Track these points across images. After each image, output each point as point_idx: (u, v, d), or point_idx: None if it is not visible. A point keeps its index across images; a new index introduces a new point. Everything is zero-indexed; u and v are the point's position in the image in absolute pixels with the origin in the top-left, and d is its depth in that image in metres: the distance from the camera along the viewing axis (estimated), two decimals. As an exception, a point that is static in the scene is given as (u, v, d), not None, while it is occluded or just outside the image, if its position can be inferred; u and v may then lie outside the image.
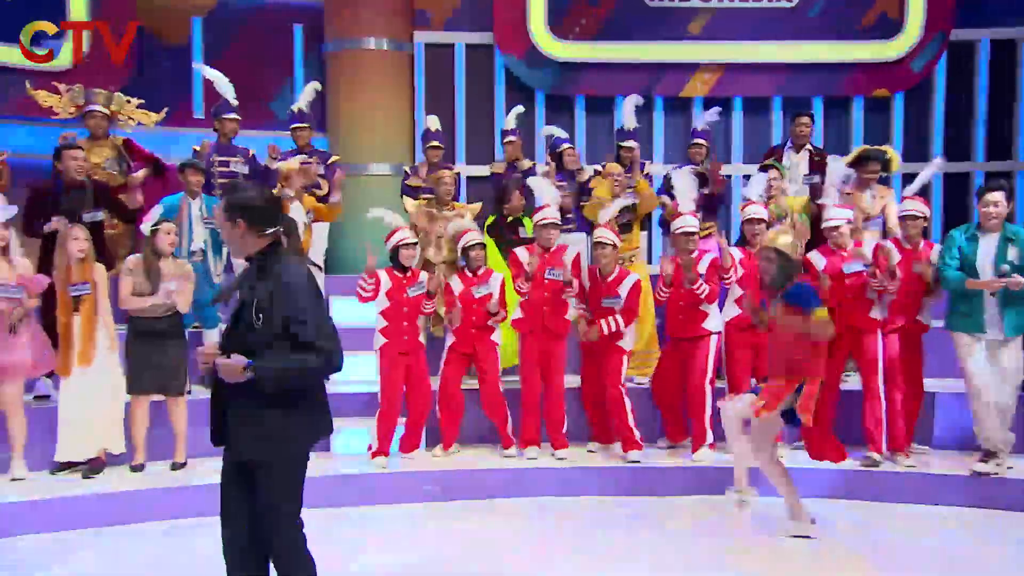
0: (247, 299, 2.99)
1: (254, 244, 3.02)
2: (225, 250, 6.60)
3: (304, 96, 7.83)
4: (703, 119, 7.79)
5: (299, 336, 2.90)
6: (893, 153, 6.90)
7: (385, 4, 9.27)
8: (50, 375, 5.86)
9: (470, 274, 6.15)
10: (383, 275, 5.92)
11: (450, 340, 6.15)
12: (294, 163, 6.77)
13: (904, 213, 5.88)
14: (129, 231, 6.65)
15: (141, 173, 6.68)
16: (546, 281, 6.00)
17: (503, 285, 6.15)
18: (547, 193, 6.32)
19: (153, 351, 5.48)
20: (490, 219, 7.24)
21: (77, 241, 5.39)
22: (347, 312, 7.30)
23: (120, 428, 5.55)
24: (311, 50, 9.75)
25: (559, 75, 9.62)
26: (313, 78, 9.65)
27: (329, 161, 7.72)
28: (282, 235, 3.07)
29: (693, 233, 5.98)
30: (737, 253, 6.07)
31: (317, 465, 5.66)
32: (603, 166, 7.22)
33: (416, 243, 6.12)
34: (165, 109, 7.30)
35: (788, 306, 4.76)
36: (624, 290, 5.94)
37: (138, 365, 5.52)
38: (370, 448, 5.93)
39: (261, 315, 2.92)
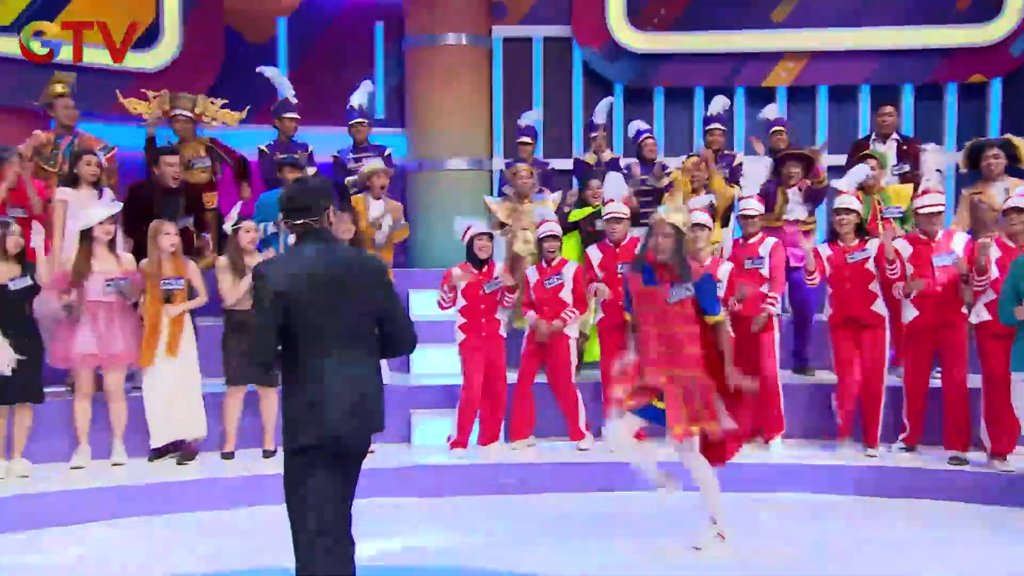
0: None
1: (294, 236, 3.22)
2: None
3: (358, 94, 8.03)
4: (716, 106, 7.77)
5: None
6: (1019, 142, 6.50)
7: (465, -1, 9.43)
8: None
9: (545, 265, 6.23)
10: (458, 272, 6.02)
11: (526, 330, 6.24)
12: (377, 164, 6.99)
13: (1009, 206, 5.54)
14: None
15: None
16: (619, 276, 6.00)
17: (578, 275, 6.20)
18: (615, 188, 6.38)
19: (245, 343, 5.67)
20: (576, 214, 7.21)
21: (168, 236, 5.65)
22: (425, 306, 7.49)
23: (202, 414, 5.79)
24: (391, 47, 9.93)
25: (638, 67, 9.57)
26: (393, 75, 9.90)
27: (385, 154, 7.91)
28: (316, 225, 3.15)
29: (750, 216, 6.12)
30: (825, 250, 6.02)
31: (395, 455, 5.94)
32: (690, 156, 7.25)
33: (489, 233, 6.20)
34: (247, 108, 7.56)
35: (693, 298, 4.49)
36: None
37: (234, 357, 5.76)
38: (449, 439, 6.06)
39: None
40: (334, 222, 3.27)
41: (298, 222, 3.14)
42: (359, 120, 7.76)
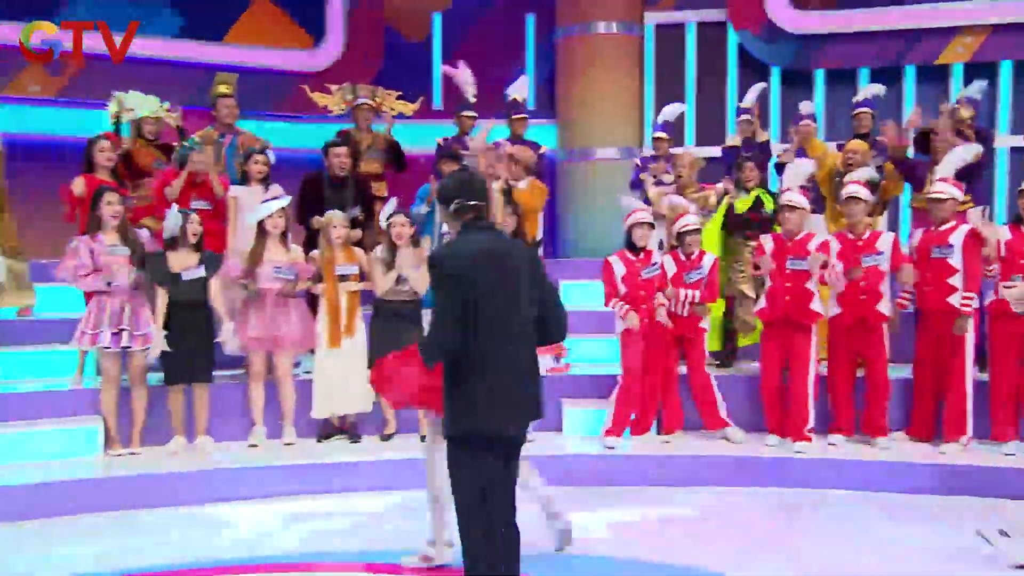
0: None
1: (454, 225, 3.24)
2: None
3: (518, 87, 8.14)
4: (868, 91, 7.43)
5: None
6: None
7: (615, -14, 9.40)
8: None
9: (683, 257, 6.15)
10: (615, 261, 6.03)
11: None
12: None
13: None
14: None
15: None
16: (788, 271, 5.83)
17: (715, 268, 6.10)
18: (795, 176, 6.19)
19: (394, 333, 5.87)
20: (740, 204, 7.02)
21: (336, 230, 5.96)
22: (576, 295, 7.56)
23: (368, 392, 6.00)
24: (542, 38, 10.07)
25: (798, 49, 9.26)
26: (544, 66, 10.02)
27: (540, 151, 8.00)
28: (474, 211, 3.21)
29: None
30: (1005, 233, 5.67)
31: (545, 444, 6.01)
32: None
33: (651, 223, 6.15)
34: (421, 99, 7.84)
35: None
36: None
37: (380, 345, 5.97)
38: (605, 427, 6.08)
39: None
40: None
41: (467, 211, 3.19)
42: (521, 115, 7.93)
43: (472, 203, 3.20)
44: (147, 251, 5.76)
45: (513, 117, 7.92)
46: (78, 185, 6.14)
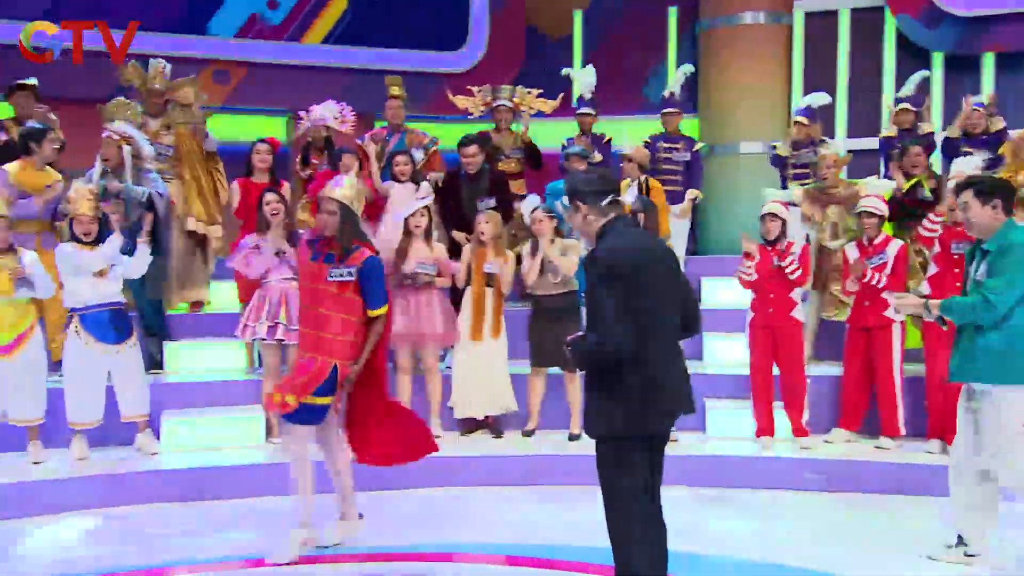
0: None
1: (596, 222, 3.20)
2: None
3: (676, 80, 8.09)
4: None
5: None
6: None
7: (765, -24, 9.21)
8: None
9: (866, 243, 5.97)
10: (754, 250, 5.97)
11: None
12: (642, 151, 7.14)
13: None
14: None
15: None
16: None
17: (901, 255, 5.91)
18: (965, 166, 5.93)
19: (551, 327, 5.99)
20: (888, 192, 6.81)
21: (485, 225, 6.12)
22: (717, 294, 7.48)
23: (510, 390, 6.21)
24: (685, 31, 9.97)
25: (963, 32, 8.78)
26: (686, 59, 9.89)
27: (694, 148, 7.92)
28: (624, 212, 3.28)
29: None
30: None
31: (688, 445, 6.00)
32: None
33: (781, 217, 6.06)
34: (560, 96, 7.94)
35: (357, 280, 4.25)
36: None
37: (538, 340, 6.14)
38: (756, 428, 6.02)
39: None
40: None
41: (616, 207, 3.21)
42: (670, 111, 7.95)
43: (619, 200, 3.23)
44: None
45: (663, 112, 7.95)
46: (235, 188, 6.64)
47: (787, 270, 5.83)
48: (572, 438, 6.17)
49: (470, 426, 6.32)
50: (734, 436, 6.14)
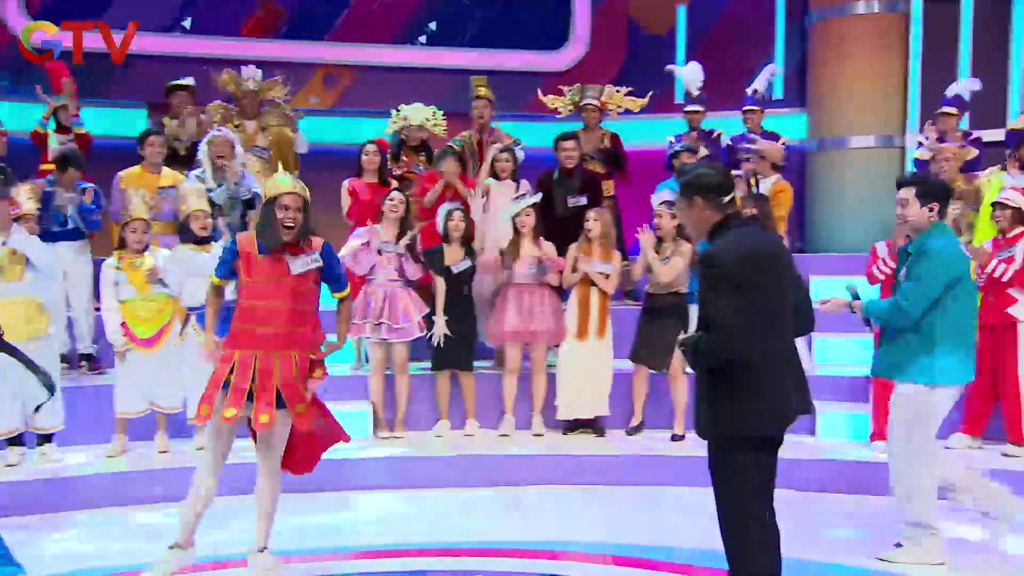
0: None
1: (711, 219, 3.14)
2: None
3: (761, 77, 7.96)
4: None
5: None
6: None
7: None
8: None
9: (1000, 235, 5.74)
10: (880, 247, 5.79)
11: None
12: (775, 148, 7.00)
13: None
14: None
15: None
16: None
17: None
18: None
19: (656, 327, 6.02)
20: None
21: (591, 223, 6.13)
22: (829, 292, 7.23)
23: (605, 394, 6.18)
24: (793, 24, 9.73)
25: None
26: (794, 53, 9.69)
27: (779, 142, 7.78)
28: (740, 208, 3.24)
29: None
30: None
31: (798, 448, 5.85)
32: None
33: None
34: (650, 93, 7.91)
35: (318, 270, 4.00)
36: None
37: (641, 338, 6.13)
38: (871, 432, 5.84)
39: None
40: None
41: (727, 205, 3.15)
42: (751, 107, 7.86)
43: (736, 199, 3.19)
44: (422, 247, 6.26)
45: (744, 109, 7.87)
46: (345, 189, 6.81)
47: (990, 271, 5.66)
48: (676, 438, 6.12)
49: (572, 425, 6.32)
50: (846, 440, 5.97)
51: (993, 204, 5.77)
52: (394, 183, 6.74)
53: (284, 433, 3.99)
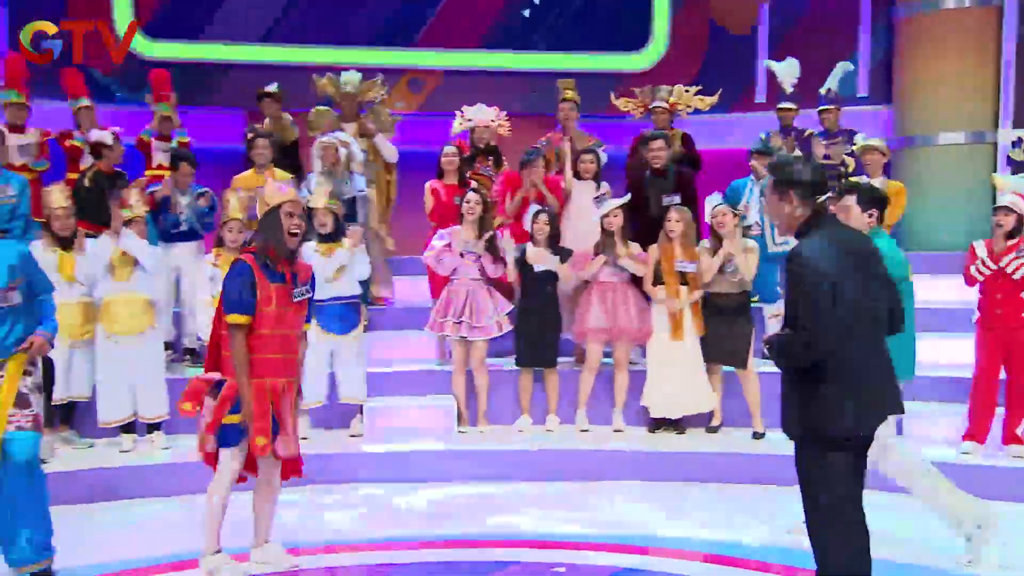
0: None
1: (802, 216, 3.11)
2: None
3: (834, 76, 7.86)
4: None
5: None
6: None
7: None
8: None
9: None
10: (979, 246, 5.62)
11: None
12: (876, 143, 6.95)
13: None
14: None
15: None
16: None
17: None
18: None
19: (723, 325, 6.05)
20: None
21: (671, 223, 6.16)
22: (930, 292, 7.14)
23: (709, 389, 6.18)
24: (878, 19, 9.58)
25: None
26: (879, 49, 9.54)
27: (854, 142, 7.67)
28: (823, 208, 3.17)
29: None
30: None
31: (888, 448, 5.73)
32: None
33: (1012, 211, 5.69)
34: (719, 91, 7.84)
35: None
36: None
37: (712, 337, 6.13)
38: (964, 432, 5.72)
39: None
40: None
41: (818, 201, 3.14)
42: (826, 107, 7.79)
43: (823, 193, 3.19)
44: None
45: (819, 109, 7.82)
46: (428, 190, 6.97)
47: (1007, 269, 5.45)
48: (756, 436, 6.12)
49: (657, 423, 6.34)
50: (934, 441, 5.84)
51: (995, 209, 5.60)
52: (472, 183, 6.87)
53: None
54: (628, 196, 6.53)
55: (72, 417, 5.98)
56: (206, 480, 4.18)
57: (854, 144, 7.47)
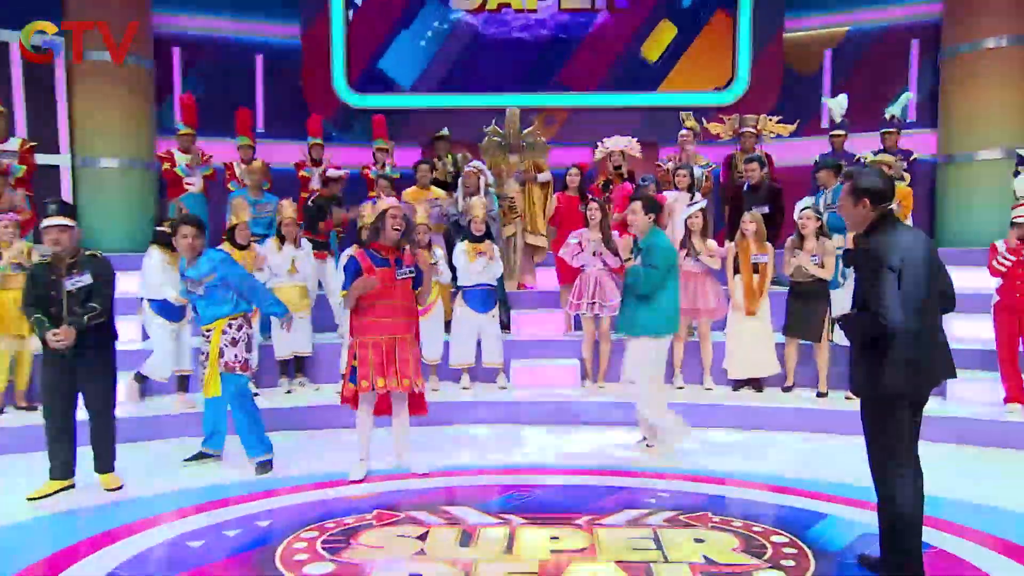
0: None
1: (869, 217, 3.05)
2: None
3: (899, 104, 7.53)
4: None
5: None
6: None
7: (1006, 5, 8.23)
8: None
9: None
10: (999, 244, 5.44)
11: None
12: (888, 159, 6.73)
13: None
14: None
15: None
16: None
17: None
18: None
19: (802, 306, 5.99)
20: None
21: (744, 224, 6.17)
22: (958, 280, 6.83)
23: (774, 356, 6.15)
24: (925, 60, 9.13)
25: None
26: (926, 83, 9.09)
27: (911, 159, 7.33)
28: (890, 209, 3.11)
29: None
30: None
31: (932, 408, 5.56)
32: None
33: None
34: (797, 121, 7.73)
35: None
36: None
37: (792, 315, 6.08)
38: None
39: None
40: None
41: (883, 206, 3.11)
42: (888, 130, 7.51)
43: (888, 200, 3.12)
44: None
45: (881, 132, 7.58)
46: (553, 201, 7.19)
47: None
48: (820, 395, 6.04)
49: (740, 383, 6.34)
50: (975, 403, 5.65)
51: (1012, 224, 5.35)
52: (590, 196, 6.95)
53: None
54: (704, 202, 6.53)
55: (304, 368, 6.42)
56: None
57: (910, 158, 7.27)
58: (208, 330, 4.66)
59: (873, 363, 3.04)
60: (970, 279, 6.27)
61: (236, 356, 4.63)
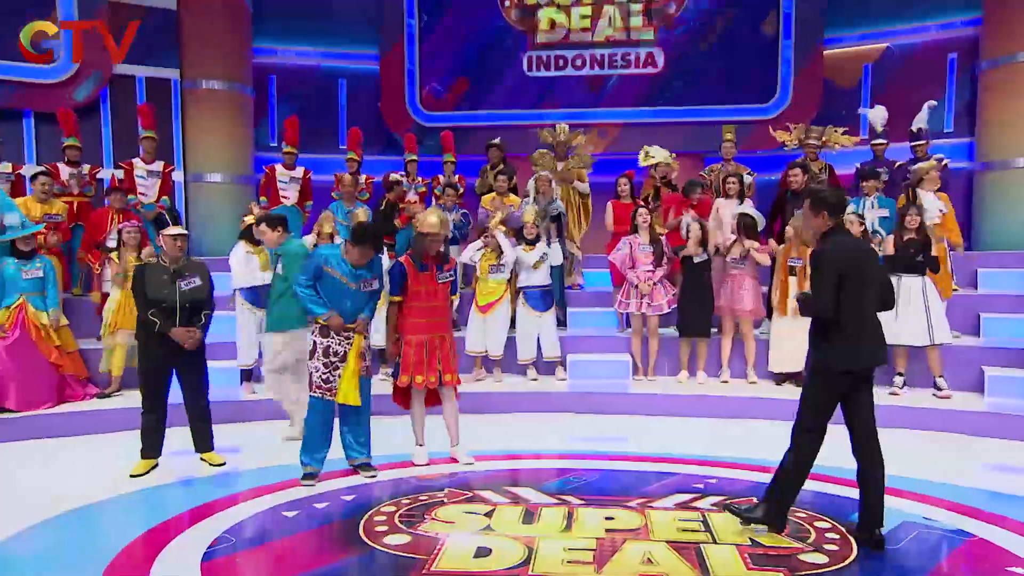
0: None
1: (825, 226, 3.30)
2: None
3: (921, 117, 7.18)
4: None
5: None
6: None
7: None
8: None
9: None
10: None
11: None
12: (927, 166, 6.43)
13: None
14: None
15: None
16: None
17: None
18: None
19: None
20: None
21: (790, 229, 6.00)
22: (995, 281, 6.59)
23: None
24: (963, 72, 8.71)
25: None
26: (963, 95, 8.69)
27: (943, 164, 6.97)
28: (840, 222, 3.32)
29: None
30: None
31: (962, 402, 5.33)
32: None
33: None
34: (860, 136, 7.47)
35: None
36: None
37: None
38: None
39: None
40: None
41: (839, 218, 3.33)
42: (919, 142, 7.21)
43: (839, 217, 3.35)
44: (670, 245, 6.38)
45: (912, 144, 7.24)
46: (608, 208, 7.01)
47: None
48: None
49: (783, 377, 6.18)
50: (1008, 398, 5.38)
51: None
52: (640, 203, 6.86)
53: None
54: (743, 205, 6.39)
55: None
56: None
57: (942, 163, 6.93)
58: (348, 334, 4.15)
59: (819, 341, 3.31)
60: (1009, 282, 5.97)
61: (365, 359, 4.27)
